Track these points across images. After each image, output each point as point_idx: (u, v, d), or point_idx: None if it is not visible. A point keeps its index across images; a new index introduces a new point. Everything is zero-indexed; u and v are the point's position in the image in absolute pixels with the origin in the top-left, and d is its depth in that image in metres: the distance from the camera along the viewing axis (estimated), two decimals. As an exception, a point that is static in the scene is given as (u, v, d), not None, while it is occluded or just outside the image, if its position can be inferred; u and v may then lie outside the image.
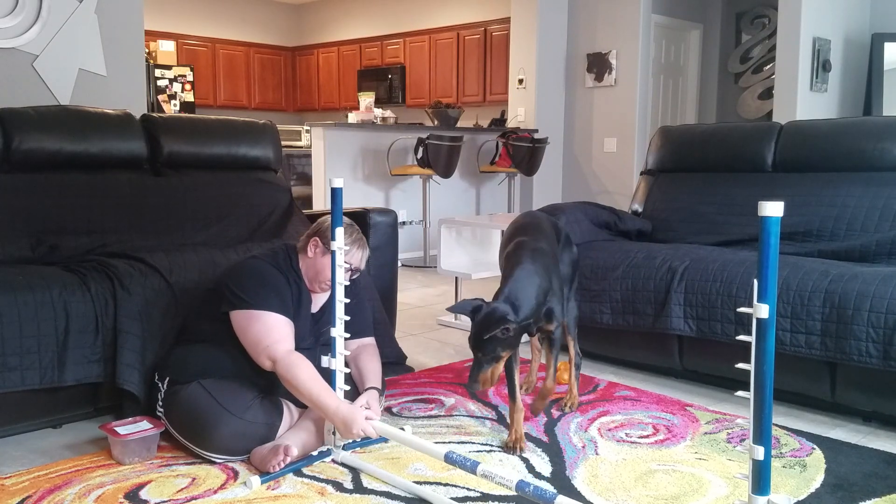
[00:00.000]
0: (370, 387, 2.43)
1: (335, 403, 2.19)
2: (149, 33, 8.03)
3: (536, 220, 2.68)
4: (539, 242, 2.47)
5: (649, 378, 3.23)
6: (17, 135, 2.91)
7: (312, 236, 2.44)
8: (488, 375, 2.24)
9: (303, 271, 2.45)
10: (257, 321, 2.28)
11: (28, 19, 4.13)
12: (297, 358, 2.24)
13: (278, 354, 2.24)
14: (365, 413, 2.19)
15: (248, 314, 2.29)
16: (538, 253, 2.41)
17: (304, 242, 2.46)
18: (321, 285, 2.43)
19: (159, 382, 2.41)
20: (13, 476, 2.17)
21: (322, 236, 2.41)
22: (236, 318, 2.31)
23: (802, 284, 2.69)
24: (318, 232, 2.43)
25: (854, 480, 2.20)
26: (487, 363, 2.22)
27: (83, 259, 2.75)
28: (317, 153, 6.24)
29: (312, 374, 2.23)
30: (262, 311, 2.29)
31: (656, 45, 7.20)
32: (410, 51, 9.22)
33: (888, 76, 6.45)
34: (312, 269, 2.43)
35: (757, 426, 1.41)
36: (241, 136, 3.53)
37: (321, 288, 2.45)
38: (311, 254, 2.43)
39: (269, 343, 2.26)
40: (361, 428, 2.16)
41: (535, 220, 2.67)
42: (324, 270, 2.40)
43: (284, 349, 2.26)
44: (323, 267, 2.40)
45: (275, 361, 2.24)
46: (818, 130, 3.52)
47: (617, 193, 7.04)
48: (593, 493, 2.11)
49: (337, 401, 2.21)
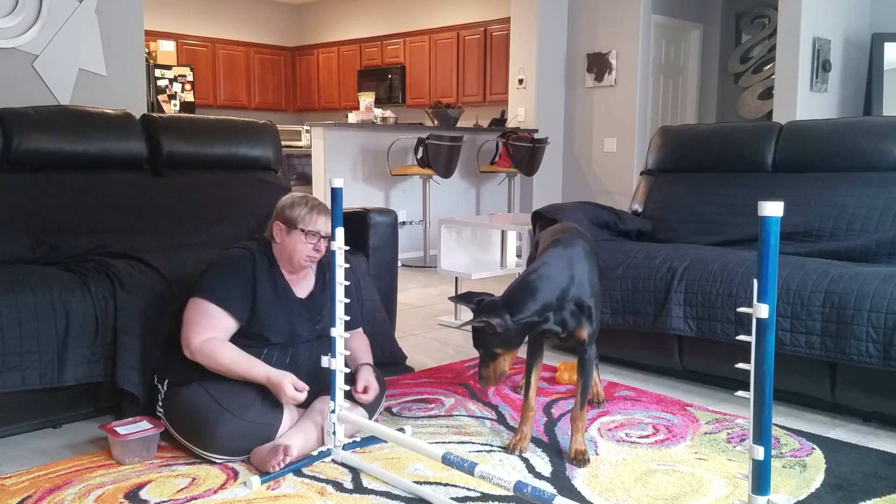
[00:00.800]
0: (363, 363, 2.49)
1: (264, 372, 2.28)
2: (149, 33, 8.04)
3: (575, 228, 2.60)
4: (572, 246, 2.35)
5: (649, 378, 3.23)
6: (17, 135, 2.91)
7: (274, 221, 2.45)
8: (490, 372, 2.24)
9: (277, 258, 2.47)
10: (192, 306, 2.36)
11: (28, 19, 4.13)
12: (216, 342, 2.30)
13: (195, 343, 2.29)
14: (295, 381, 2.27)
15: (192, 300, 2.37)
16: (562, 254, 2.31)
17: (269, 230, 2.47)
18: (299, 265, 2.44)
19: (159, 384, 2.42)
20: (13, 476, 2.17)
21: (280, 217, 2.42)
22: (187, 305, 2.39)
23: (802, 284, 2.69)
24: (277, 216, 2.44)
25: (854, 480, 2.20)
26: (488, 359, 2.23)
27: (83, 259, 2.75)
28: (317, 153, 6.24)
29: (235, 353, 2.30)
30: (200, 299, 2.35)
31: (656, 45, 7.20)
32: (410, 51, 9.22)
33: (888, 76, 6.45)
34: (285, 252, 2.44)
35: (757, 426, 1.41)
36: (241, 136, 3.53)
37: (301, 265, 2.45)
38: (278, 239, 2.44)
39: (189, 330, 2.32)
40: (291, 396, 2.25)
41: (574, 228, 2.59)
42: (294, 249, 2.41)
43: (202, 338, 2.30)
44: (293, 246, 2.41)
45: (191, 350, 2.30)
46: (818, 130, 3.52)
47: (617, 193, 7.04)
48: (593, 493, 2.11)
49: (265, 370, 2.29)
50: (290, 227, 2.39)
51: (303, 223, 2.39)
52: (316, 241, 2.40)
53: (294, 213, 2.40)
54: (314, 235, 2.39)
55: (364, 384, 2.43)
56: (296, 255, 2.41)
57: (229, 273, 2.38)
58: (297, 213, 2.40)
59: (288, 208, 2.42)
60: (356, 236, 3.30)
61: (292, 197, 2.46)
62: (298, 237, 2.39)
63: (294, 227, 2.39)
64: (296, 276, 2.50)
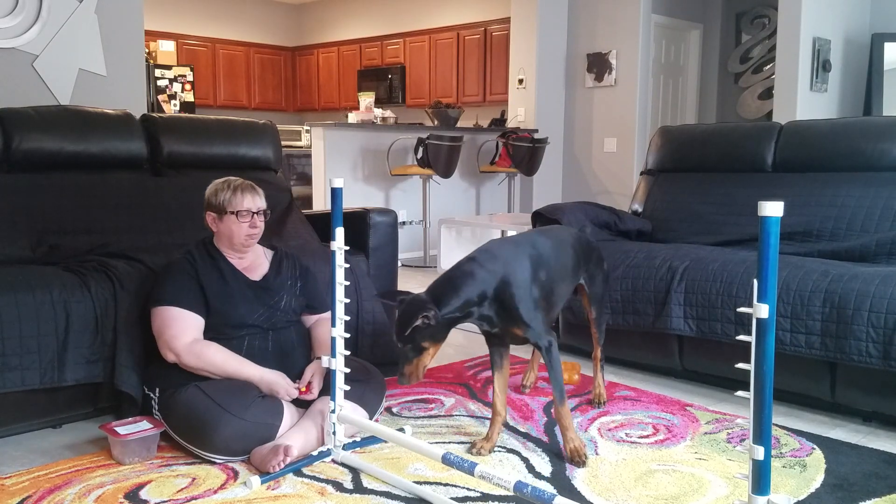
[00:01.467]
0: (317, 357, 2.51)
1: (258, 373, 2.35)
2: (149, 33, 8.03)
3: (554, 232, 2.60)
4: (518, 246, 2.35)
5: (649, 378, 3.23)
6: (17, 135, 2.91)
7: (206, 213, 2.50)
8: (413, 368, 2.18)
9: (221, 247, 2.52)
10: (157, 317, 2.40)
11: (28, 19, 4.13)
12: (202, 344, 2.35)
13: (179, 347, 2.33)
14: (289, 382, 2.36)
15: (152, 312, 2.42)
16: (500, 253, 2.30)
17: (206, 222, 2.52)
18: (242, 246, 2.50)
19: (150, 392, 2.43)
20: (13, 476, 2.17)
21: (209, 207, 2.49)
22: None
23: (802, 284, 2.69)
24: (206, 207, 2.50)
25: (854, 480, 2.20)
26: (413, 355, 2.17)
27: (83, 259, 2.75)
28: (317, 153, 6.24)
29: (224, 354, 2.35)
30: (159, 307, 2.40)
31: (656, 45, 7.20)
32: (410, 51, 9.22)
33: (888, 76, 6.44)
34: (225, 238, 2.49)
35: (757, 426, 1.41)
36: (241, 136, 3.53)
37: (244, 245, 2.50)
38: (214, 228, 2.50)
39: (168, 337, 2.35)
40: (287, 392, 2.34)
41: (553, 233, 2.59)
42: (231, 232, 2.47)
43: (185, 342, 2.34)
44: (229, 230, 2.47)
45: (178, 354, 2.33)
46: (818, 130, 3.52)
47: (617, 193, 7.04)
48: (593, 493, 2.11)
49: (259, 371, 2.36)
50: (221, 213, 2.46)
51: (230, 206, 2.45)
52: (249, 218, 2.46)
53: (220, 199, 2.46)
54: (245, 214, 2.45)
55: (307, 380, 2.42)
56: (235, 237, 2.47)
57: (173, 276, 2.45)
58: (223, 197, 2.46)
59: (213, 196, 2.48)
60: (356, 236, 3.30)
61: (215, 185, 2.51)
62: (231, 220, 2.45)
63: (224, 212, 2.45)
64: (246, 262, 2.54)
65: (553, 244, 2.48)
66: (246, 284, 2.50)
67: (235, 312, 2.43)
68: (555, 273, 2.43)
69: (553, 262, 2.43)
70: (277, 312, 2.51)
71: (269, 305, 2.50)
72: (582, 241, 2.69)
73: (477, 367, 3.33)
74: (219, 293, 2.43)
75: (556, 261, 2.45)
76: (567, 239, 2.60)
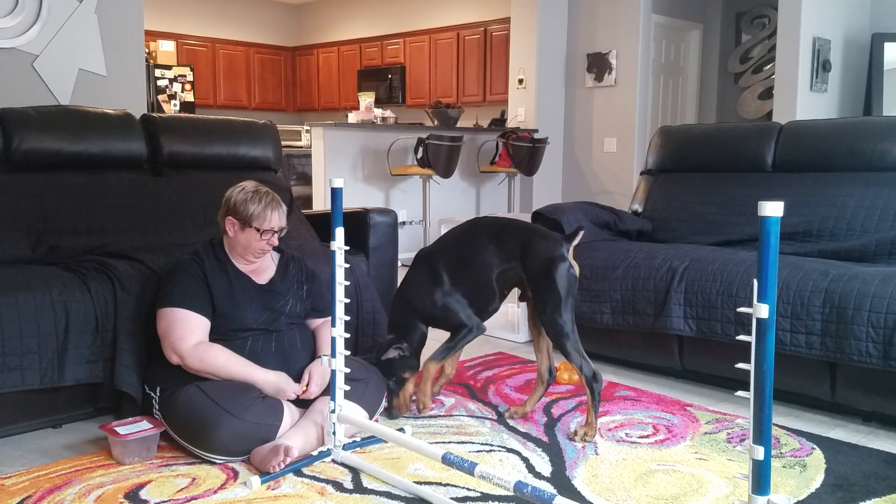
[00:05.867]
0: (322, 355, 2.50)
1: (262, 376, 2.35)
2: (149, 33, 8.02)
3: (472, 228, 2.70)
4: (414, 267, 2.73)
5: (649, 378, 3.23)
6: (18, 135, 2.91)
7: (226, 216, 2.47)
8: (401, 400, 2.63)
9: (229, 251, 2.50)
10: (163, 318, 2.39)
11: (28, 19, 4.13)
12: (206, 346, 2.34)
13: (184, 350, 2.33)
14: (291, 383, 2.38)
15: (159, 313, 2.41)
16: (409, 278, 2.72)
17: (221, 225, 2.50)
18: (254, 254, 2.49)
19: (151, 392, 2.43)
20: (13, 476, 2.17)
21: (234, 213, 2.44)
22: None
23: (802, 284, 2.69)
24: (228, 210, 2.46)
25: (854, 480, 2.20)
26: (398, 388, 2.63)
27: (83, 259, 2.75)
28: (317, 153, 6.24)
29: (228, 356, 2.34)
30: (167, 308, 2.39)
31: (656, 45, 7.20)
32: (410, 51, 9.22)
33: (888, 76, 6.44)
34: (239, 245, 2.47)
35: (757, 426, 1.41)
36: (241, 136, 3.53)
37: (255, 256, 2.49)
38: (231, 233, 2.47)
39: (173, 339, 2.35)
40: (293, 391, 2.36)
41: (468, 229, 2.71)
42: (248, 244, 2.45)
43: (190, 344, 2.33)
44: (247, 241, 2.45)
45: (182, 357, 2.33)
46: (818, 130, 3.52)
47: (617, 193, 7.04)
48: (593, 493, 2.11)
49: (263, 372, 2.36)
50: (245, 225, 2.42)
51: (257, 221, 2.42)
52: (270, 236, 2.45)
53: (249, 211, 2.42)
54: (268, 233, 2.44)
55: (307, 380, 2.41)
56: (250, 249, 2.47)
57: (182, 277, 2.43)
58: (252, 210, 2.42)
59: (242, 204, 2.43)
60: (356, 236, 3.30)
61: (245, 192, 2.46)
62: (253, 234, 2.43)
63: (248, 224, 2.42)
64: (253, 266, 2.53)
65: (459, 244, 2.68)
66: (252, 288, 2.49)
67: (240, 316, 2.42)
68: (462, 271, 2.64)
69: (457, 261, 2.66)
70: (282, 316, 2.50)
71: (274, 309, 2.49)
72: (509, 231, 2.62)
73: (477, 367, 3.33)
74: (225, 296, 2.43)
75: (460, 260, 2.66)
76: (484, 232, 2.65)
